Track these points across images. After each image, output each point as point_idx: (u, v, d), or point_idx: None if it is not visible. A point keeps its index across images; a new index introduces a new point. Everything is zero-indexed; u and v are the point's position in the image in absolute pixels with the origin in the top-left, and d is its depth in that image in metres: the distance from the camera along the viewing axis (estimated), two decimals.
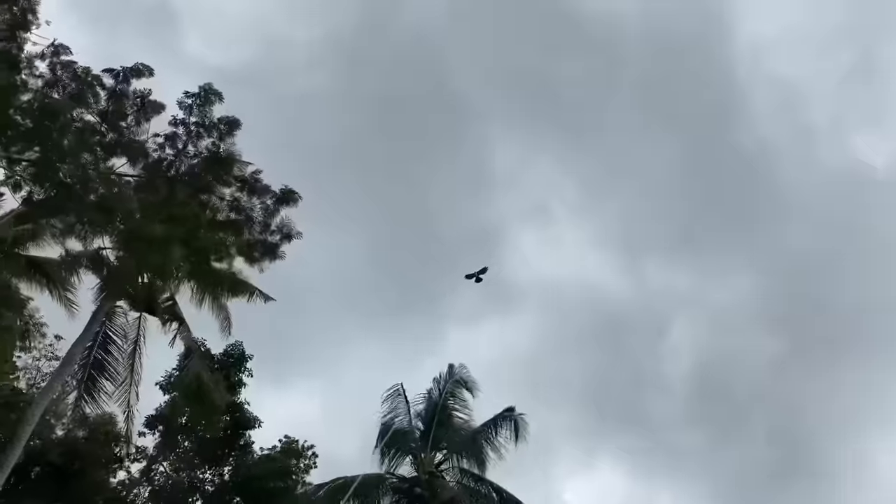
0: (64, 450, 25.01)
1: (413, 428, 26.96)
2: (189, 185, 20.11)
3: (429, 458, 26.00)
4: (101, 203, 18.60)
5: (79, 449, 25.15)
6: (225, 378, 29.21)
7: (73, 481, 24.79)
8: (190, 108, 20.30)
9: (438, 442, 26.55)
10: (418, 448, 26.24)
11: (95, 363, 22.08)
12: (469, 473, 25.89)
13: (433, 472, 25.80)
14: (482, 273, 27.38)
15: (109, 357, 22.30)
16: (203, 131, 20.51)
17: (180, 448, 30.58)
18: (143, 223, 18.86)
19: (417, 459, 26.02)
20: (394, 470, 26.24)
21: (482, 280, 27.43)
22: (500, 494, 25.35)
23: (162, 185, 19.98)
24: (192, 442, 30.47)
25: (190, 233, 19.60)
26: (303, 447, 30.75)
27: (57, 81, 19.22)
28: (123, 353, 22.40)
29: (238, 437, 30.39)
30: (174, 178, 20.23)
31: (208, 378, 22.55)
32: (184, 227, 19.28)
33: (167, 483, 29.77)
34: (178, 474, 30.11)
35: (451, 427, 26.91)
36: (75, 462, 24.89)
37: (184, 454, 30.37)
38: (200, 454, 30.17)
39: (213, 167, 20.41)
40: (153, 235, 18.34)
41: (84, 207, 18.50)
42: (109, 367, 22.26)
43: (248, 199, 21.10)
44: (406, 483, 25.64)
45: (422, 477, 25.48)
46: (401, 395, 27.86)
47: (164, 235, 18.43)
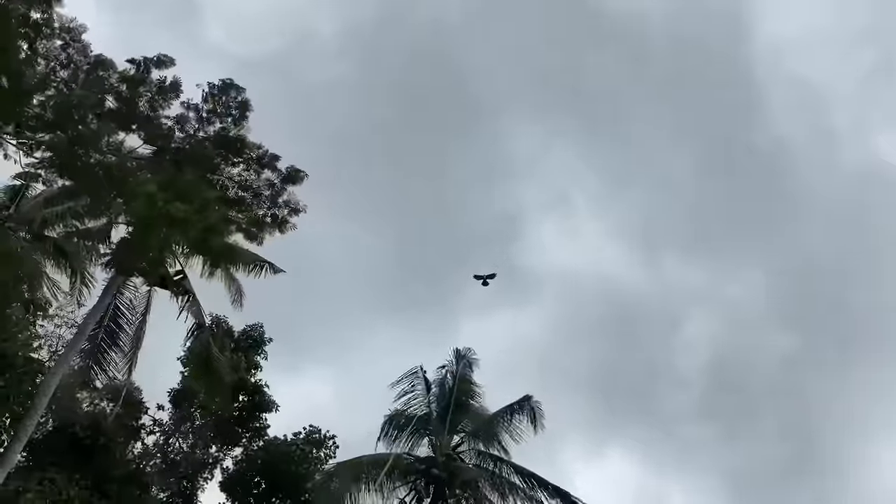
0: (81, 420, 25.38)
1: (430, 410, 26.83)
2: (199, 164, 20.39)
3: (446, 440, 25.88)
4: (114, 181, 18.92)
5: (95, 420, 25.49)
6: (245, 359, 29.55)
7: (91, 451, 25.13)
8: (208, 97, 20.89)
9: (455, 425, 26.40)
10: (435, 430, 26.11)
11: (106, 335, 22.43)
12: (488, 455, 25.77)
13: (450, 455, 25.67)
14: (490, 278, 27.60)
15: (120, 330, 22.66)
16: (215, 117, 20.95)
17: (196, 424, 30.94)
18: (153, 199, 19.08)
19: (434, 442, 25.93)
20: (411, 451, 26.11)
21: (488, 284, 27.62)
22: (522, 475, 25.17)
23: (173, 163, 20.34)
24: (208, 419, 30.78)
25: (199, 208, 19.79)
26: (325, 436, 30.68)
27: (71, 62, 19.59)
28: (132, 326, 22.73)
29: (254, 419, 30.60)
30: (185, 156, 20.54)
31: (216, 351, 22.72)
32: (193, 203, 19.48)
33: (181, 457, 30.08)
34: (192, 450, 30.32)
35: (467, 411, 26.79)
36: (93, 433, 25.22)
37: (200, 430, 30.74)
38: (216, 432, 30.49)
39: (222, 147, 20.79)
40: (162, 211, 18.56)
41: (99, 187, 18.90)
42: (119, 339, 22.64)
43: (256, 177, 21.47)
44: (423, 464, 25.48)
45: (439, 459, 25.35)
46: (419, 377, 27.76)
47: (173, 210, 18.64)
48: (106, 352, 22.53)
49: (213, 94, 21.06)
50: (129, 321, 22.78)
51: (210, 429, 30.04)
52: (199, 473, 29.78)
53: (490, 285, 27.64)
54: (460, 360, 27.91)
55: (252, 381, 30.10)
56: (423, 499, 24.98)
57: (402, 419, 26.35)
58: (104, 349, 22.49)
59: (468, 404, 26.96)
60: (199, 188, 19.66)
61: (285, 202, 21.56)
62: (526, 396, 25.99)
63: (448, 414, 26.31)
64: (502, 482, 25.02)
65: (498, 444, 25.76)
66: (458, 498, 24.87)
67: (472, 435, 26.29)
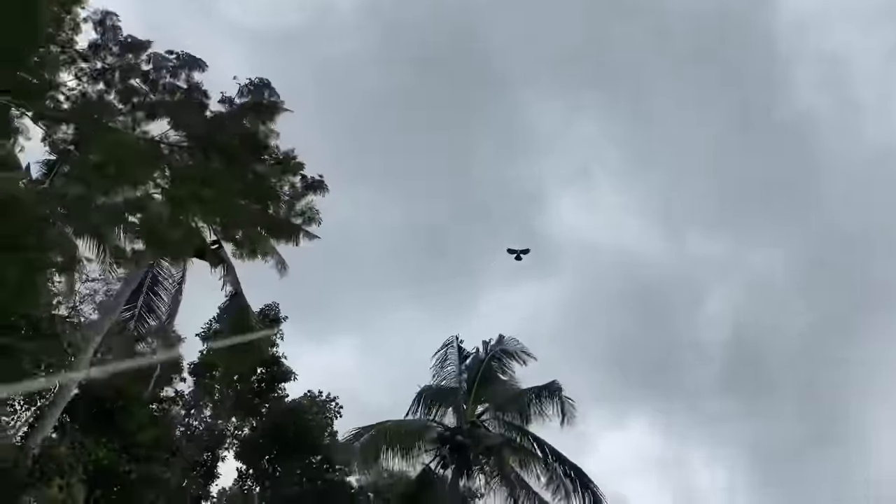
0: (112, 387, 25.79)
1: (460, 382, 27.57)
2: (226, 157, 20.71)
3: (470, 409, 26.59)
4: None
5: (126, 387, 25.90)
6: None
7: (119, 418, 25.58)
8: (243, 91, 21.08)
9: (480, 396, 27.12)
10: (461, 399, 26.83)
11: (144, 303, 22.84)
12: (511, 425, 26.47)
13: (474, 422, 26.38)
14: (524, 252, 28.11)
15: (157, 298, 23.06)
16: (246, 113, 21.30)
17: (217, 396, 31.52)
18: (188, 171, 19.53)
19: (459, 410, 26.60)
20: (437, 419, 26.88)
21: (521, 259, 28.14)
22: (542, 447, 25.80)
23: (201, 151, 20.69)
24: (228, 392, 31.37)
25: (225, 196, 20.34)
26: (326, 398, 31.55)
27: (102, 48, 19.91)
28: (169, 294, 23.12)
29: (273, 390, 31.27)
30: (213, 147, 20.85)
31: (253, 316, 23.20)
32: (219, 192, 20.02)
33: (202, 428, 30.76)
34: (212, 421, 31.02)
35: (493, 385, 27.47)
36: (122, 399, 25.67)
37: (220, 402, 31.31)
38: (236, 404, 31.10)
39: (249, 145, 21.13)
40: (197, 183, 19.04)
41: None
42: (157, 307, 23.04)
43: (278, 180, 21.79)
44: (448, 431, 26.15)
45: (463, 426, 26.04)
46: (454, 347, 28.53)
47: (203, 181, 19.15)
48: (144, 319, 22.89)
49: (248, 90, 21.39)
50: (167, 290, 23.12)
51: (230, 401, 30.62)
52: (220, 444, 30.40)
53: (523, 260, 28.12)
54: (501, 343, 28.56)
55: (270, 354, 30.56)
56: (447, 465, 25.67)
57: (433, 387, 27.18)
58: (143, 317, 22.86)
59: (496, 379, 27.64)
60: (226, 178, 20.06)
61: (303, 210, 21.83)
62: (553, 382, 26.46)
63: (474, 384, 27.05)
64: (524, 452, 25.77)
65: (521, 417, 26.37)
66: (482, 465, 25.57)
67: (496, 407, 26.95)
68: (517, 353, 28.44)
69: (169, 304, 23.15)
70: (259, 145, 21.24)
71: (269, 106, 21.28)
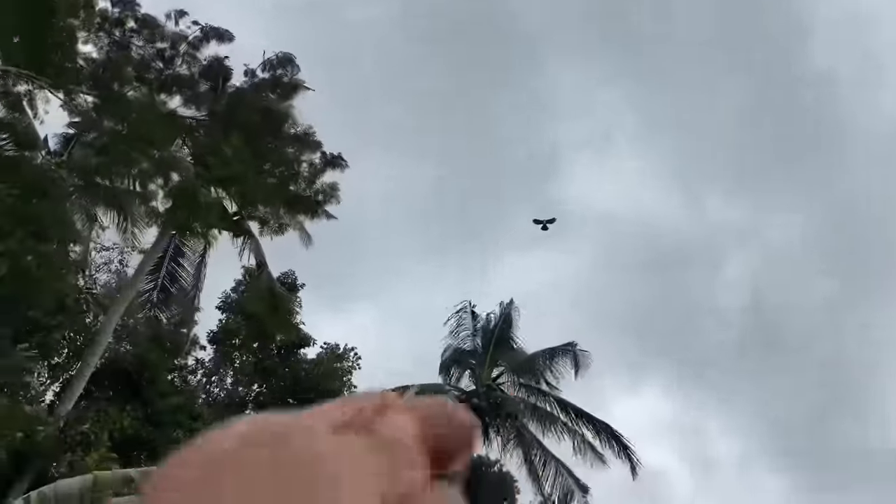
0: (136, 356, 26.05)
1: (475, 345, 27.81)
2: (245, 132, 20.62)
3: (486, 371, 26.84)
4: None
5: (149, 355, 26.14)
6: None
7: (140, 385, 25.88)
8: (266, 65, 21.46)
9: (496, 359, 27.36)
10: (477, 363, 27.10)
11: (167, 274, 22.93)
12: (528, 387, 26.72)
13: (491, 386, 26.65)
14: (550, 222, 28.32)
15: (180, 269, 23.13)
16: (267, 88, 21.17)
17: (237, 364, 31.78)
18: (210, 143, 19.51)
19: (476, 373, 26.85)
20: (454, 383, 27.17)
21: (548, 229, 28.28)
22: (564, 407, 26.02)
23: (220, 127, 20.61)
24: (247, 360, 31.62)
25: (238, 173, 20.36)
26: (344, 349, 31.63)
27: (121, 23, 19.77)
28: (192, 265, 23.20)
29: (292, 356, 31.48)
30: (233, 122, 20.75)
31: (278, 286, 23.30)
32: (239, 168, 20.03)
33: (222, 395, 31.04)
34: (233, 388, 31.33)
35: (509, 348, 27.68)
36: (145, 368, 25.93)
37: (240, 370, 31.63)
38: (256, 370, 31.37)
39: (268, 120, 21.00)
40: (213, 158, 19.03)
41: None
42: (180, 278, 23.13)
43: (298, 156, 21.70)
44: (465, 394, 26.38)
45: (480, 389, 26.29)
46: (468, 311, 28.67)
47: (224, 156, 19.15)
48: (168, 290, 23.00)
49: (271, 64, 21.31)
50: (191, 261, 23.20)
51: (250, 369, 30.88)
52: (242, 410, 30.72)
53: (549, 229, 28.09)
54: (510, 306, 28.70)
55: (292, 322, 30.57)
56: None
57: (449, 351, 27.33)
58: (166, 287, 22.97)
59: (510, 342, 27.88)
60: (245, 154, 20.01)
61: (323, 188, 21.66)
62: (570, 343, 26.73)
63: (490, 347, 27.28)
64: (543, 414, 26.03)
65: (538, 378, 26.61)
66: (499, 428, 25.83)
67: (512, 369, 27.17)
68: (520, 317, 28.60)
69: (192, 275, 23.22)
70: (279, 122, 21.19)
71: (290, 84, 21.22)
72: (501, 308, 28.66)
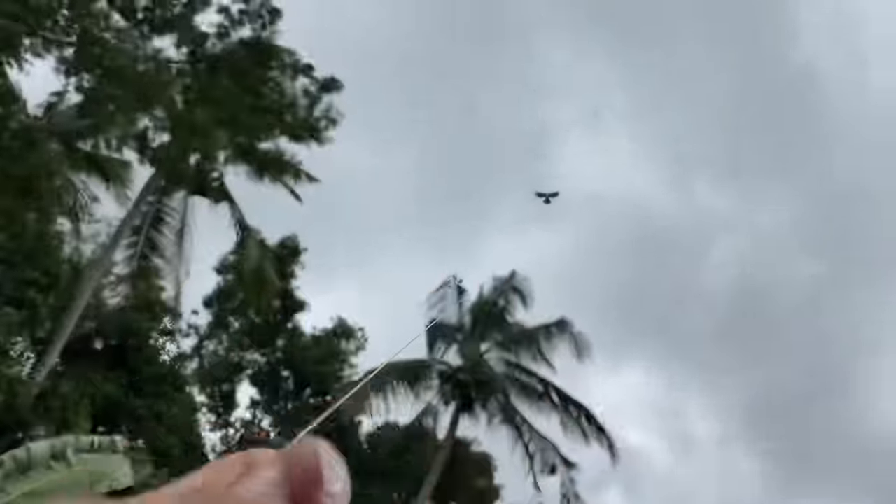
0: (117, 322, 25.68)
1: (462, 320, 27.32)
2: (233, 70, 20.09)
3: (474, 347, 26.51)
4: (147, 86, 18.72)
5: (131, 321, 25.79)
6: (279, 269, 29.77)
7: (126, 352, 25.56)
8: None
9: (485, 335, 27.05)
10: (465, 339, 26.77)
11: (147, 241, 22.52)
12: (514, 364, 26.46)
13: (478, 361, 26.29)
14: (553, 196, 27.90)
15: (161, 235, 22.73)
16: (246, 19, 20.51)
17: (232, 329, 31.47)
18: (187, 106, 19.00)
19: (463, 349, 26.57)
20: (441, 357, 26.83)
21: (550, 202, 27.97)
22: (546, 386, 25.86)
23: (208, 68, 20.03)
24: (243, 324, 31.31)
25: (234, 114, 19.81)
26: (353, 328, 31.42)
27: None
28: (173, 231, 22.80)
29: (287, 321, 31.16)
30: (219, 61, 20.22)
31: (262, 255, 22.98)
32: (228, 109, 19.47)
33: (215, 361, 30.80)
34: (227, 354, 31.06)
35: (499, 323, 27.33)
36: (128, 334, 25.59)
37: (235, 335, 31.29)
38: (251, 336, 31.07)
39: (254, 52, 20.44)
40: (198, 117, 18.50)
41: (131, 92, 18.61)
42: (160, 244, 22.75)
43: (291, 84, 21.19)
44: (451, 369, 26.18)
45: (466, 364, 26.03)
46: (452, 286, 28.25)
47: (210, 117, 18.62)
48: (147, 257, 22.63)
49: None
50: (171, 227, 22.80)
51: (245, 332, 30.60)
52: (236, 374, 30.48)
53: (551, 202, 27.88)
54: (511, 280, 28.18)
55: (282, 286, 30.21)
56: (449, 402, 25.85)
57: (436, 326, 27.00)
58: (146, 254, 22.61)
59: (503, 318, 27.42)
60: (236, 95, 19.47)
61: (322, 113, 21.25)
62: (562, 319, 26.32)
63: (479, 323, 26.98)
64: (529, 390, 25.80)
65: (526, 356, 26.36)
66: (484, 403, 25.66)
67: (500, 345, 26.88)
68: (528, 294, 28.01)
69: (174, 239, 22.81)
70: (266, 52, 20.58)
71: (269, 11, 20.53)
72: (495, 282, 28.13)
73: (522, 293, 27.84)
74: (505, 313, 27.42)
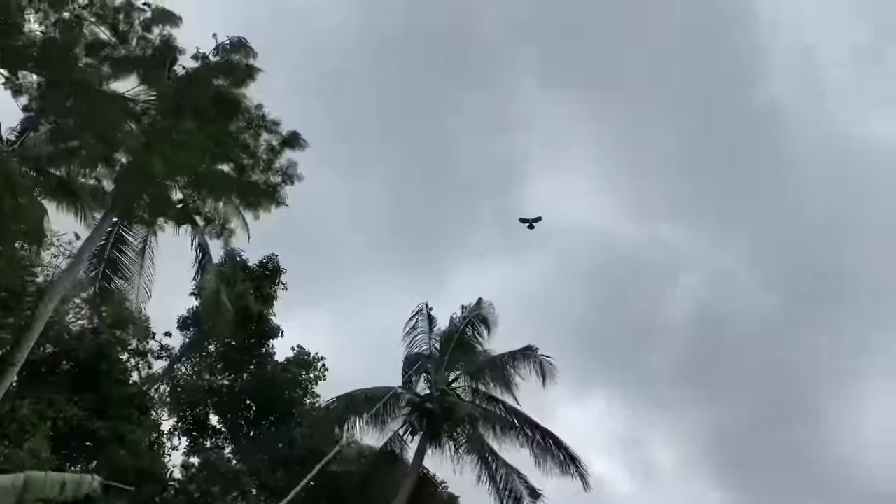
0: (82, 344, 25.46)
1: (431, 348, 27.28)
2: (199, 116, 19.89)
3: (442, 376, 26.26)
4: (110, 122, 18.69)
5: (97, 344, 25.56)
6: (257, 289, 29.51)
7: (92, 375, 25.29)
8: (219, 51, 20.45)
9: (454, 363, 26.79)
10: (434, 367, 26.53)
11: (109, 262, 22.37)
12: (482, 394, 26.20)
13: (445, 390, 26.02)
14: (536, 221, 28.37)
15: (123, 257, 22.57)
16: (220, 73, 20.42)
17: (204, 352, 31.13)
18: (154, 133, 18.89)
19: (431, 377, 26.28)
20: (409, 387, 26.50)
21: (534, 228, 28.39)
22: (512, 414, 25.59)
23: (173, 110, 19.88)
24: (216, 348, 30.99)
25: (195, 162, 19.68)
26: (314, 358, 31.12)
27: None
28: (135, 251, 22.66)
29: (261, 346, 30.76)
30: (186, 105, 20.04)
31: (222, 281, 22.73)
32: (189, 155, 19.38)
33: (186, 384, 30.46)
34: (198, 377, 30.68)
35: (468, 352, 27.14)
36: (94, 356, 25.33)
37: (207, 358, 30.94)
38: (223, 360, 30.73)
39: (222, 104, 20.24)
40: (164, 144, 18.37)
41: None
42: (122, 266, 22.58)
43: (255, 139, 20.99)
44: (419, 398, 25.86)
45: (434, 393, 25.71)
46: (423, 314, 28.20)
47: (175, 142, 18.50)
48: (109, 279, 22.47)
49: (224, 50, 20.55)
50: (134, 248, 22.68)
51: (218, 356, 30.25)
52: (204, 400, 30.11)
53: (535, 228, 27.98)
54: (479, 307, 28.19)
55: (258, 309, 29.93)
56: (416, 432, 25.40)
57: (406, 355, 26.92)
58: (108, 276, 22.45)
59: (471, 346, 27.28)
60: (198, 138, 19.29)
61: (282, 168, 20.98)
62: (528, 347, 26.13)
63: (448, 352, 26.70)
64: (496, 420, 25.46)
65: (494, 385, 26.08)
66: (451, 432, 25.24)
67: (469, 374, 26.62)
68: (493, 320, 28.03)
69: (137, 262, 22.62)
70: (233, 105, 20.44)
71: (245, 68, 20.45)
72: (463, 311, 28.02)
73: (489, 320, 27.69)
74: (473, 341, 27.22)
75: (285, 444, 28.66)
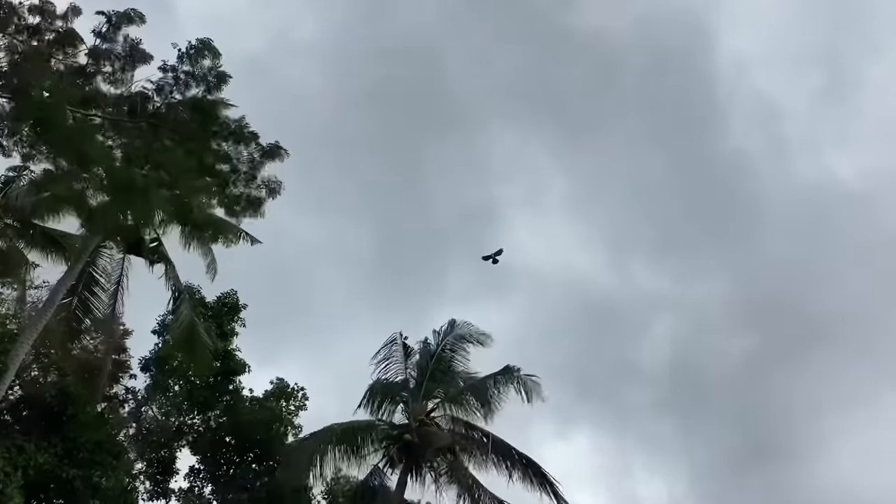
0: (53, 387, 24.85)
1: (407, 377, 26.90)
2: (176, 132, 19.65)
3: (420, 406, 25.86)
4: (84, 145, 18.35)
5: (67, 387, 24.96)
6: (217, 326, 29.15)
7: (61, 420, 24.66)
8: (182, 58, 19.58)
9: (430, 392, 26.40)
10: (410, 396, 26.13)
11: (80, 303, 22.01)
12: (461, 421, 25.83)
13: (424, 420, 25.58)
14: (498, 255, 27.84)
15: (94, 297, 22.22)
16: (192, 81, 20.11)
17: (170, 392, 30.59)
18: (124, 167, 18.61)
19: (409, 407, 25.88)
20: (386, 418, 26.05)
21: (498, 262, 27.83)
22: (492, 441, 25.15)
23: (148, 128, 19.62)
24: (182, 387, 30.48)
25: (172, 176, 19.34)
26: (293, 388, 30.81)
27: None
28: (107, 293, 22.28)
29: (228, 383, 30.35)
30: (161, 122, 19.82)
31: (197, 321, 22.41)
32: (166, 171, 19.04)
33: (155, 426, 29.83)
34: (166, 418, 30.11)
35: (446, 379, 26.83)
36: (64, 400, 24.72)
37: (173, 398, 30.39)
38: (190, 399, 30.20)
39: (198, 113, 19.99)
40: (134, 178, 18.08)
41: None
42: (94, 307, 22.21)
43: (234, 150, 20.77)
44: (396, 430, 25.47)
45: (412, 424, 25.30)
46: (398, 343, 27.74)
47: (146, 178, 18.22)
48: (80, 319, 22.07)
49: (189, 54, 20.17)
50: (105, 288, 22.28)
51: (184, 396, 29.74)
52: (176, 440, 29.50)
53: (498, 262, 27.79)
54: (453, 329, 27.90)
55: (222, 346, 29.54)
56: (395, 464, 25.12)
57: (380, 386, 26.36)
58: (78, 316, 22.03)
59: (450, 372, 26.98)
60: (177, 156, 19.04)
61: (263, 181, 20.86)
62: (507, 367, 25.88)
63: (424, 380, 26.39)
64: (475, 448, 25.18)
65: (474, 410, 25.69)
66: (432, 463, 25.00)
67: (447, 401, 26.28)
68: (473, 336, 27.75)
69: (107, 301, 22.29)
70: (210, 112, 20.06)
71: (217, 72, 20.13)
72: (436, 336, 27.65)
73: (466, 337, 27.58)
74: (451, 364, 27.04)
75: (264, 483, 28.19)
